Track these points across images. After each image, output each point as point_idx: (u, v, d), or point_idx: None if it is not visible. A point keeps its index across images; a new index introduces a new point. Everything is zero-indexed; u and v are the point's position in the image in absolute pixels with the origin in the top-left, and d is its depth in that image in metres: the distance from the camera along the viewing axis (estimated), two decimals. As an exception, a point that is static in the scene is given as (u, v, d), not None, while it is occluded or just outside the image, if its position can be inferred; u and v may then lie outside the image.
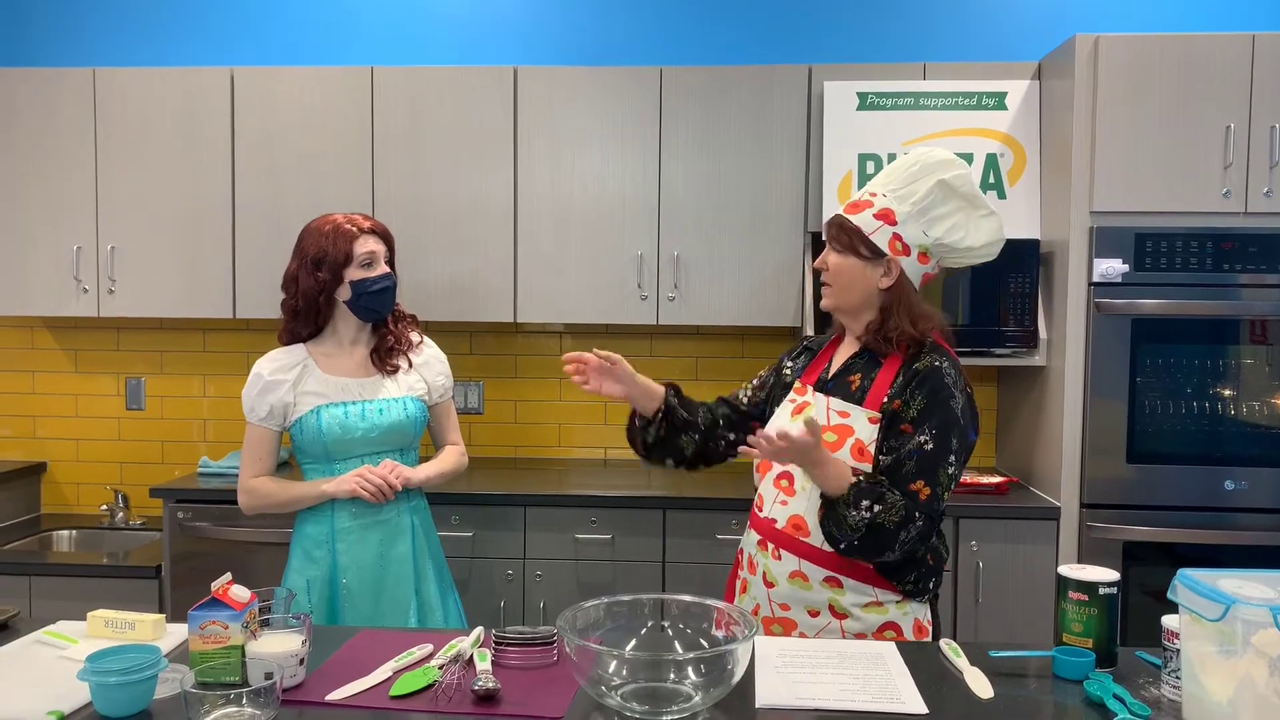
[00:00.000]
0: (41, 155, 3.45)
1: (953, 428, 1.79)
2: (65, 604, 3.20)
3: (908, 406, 1.80)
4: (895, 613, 1.83)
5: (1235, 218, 2.94)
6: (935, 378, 1.81)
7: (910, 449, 1.77)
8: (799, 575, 1.84)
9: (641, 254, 3.38)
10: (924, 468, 1.77)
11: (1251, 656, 1.26)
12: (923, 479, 1.77)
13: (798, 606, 1.85)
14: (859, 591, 1.82)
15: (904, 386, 1.82)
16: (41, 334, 3.87)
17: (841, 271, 1.87)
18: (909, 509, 1.74)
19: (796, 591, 1.84)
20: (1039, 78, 3.27)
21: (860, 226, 1.84)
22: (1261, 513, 2.94)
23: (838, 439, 1.82)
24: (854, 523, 1.73)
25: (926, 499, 1.76)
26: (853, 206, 1.88)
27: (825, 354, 2.01)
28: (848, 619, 1.83)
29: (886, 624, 1.83)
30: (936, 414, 1.79)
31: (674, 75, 3.35)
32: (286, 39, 3.76)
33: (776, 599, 1.86)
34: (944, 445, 1.78)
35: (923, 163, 1.86)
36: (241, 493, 2.27)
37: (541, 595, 3.13)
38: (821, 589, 1.83)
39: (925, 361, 1.83)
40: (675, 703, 1.39)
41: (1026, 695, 1.51)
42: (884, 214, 1.84)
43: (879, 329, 1.86)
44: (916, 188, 1.85)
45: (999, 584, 3.04)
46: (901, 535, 1.74)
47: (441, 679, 1.53)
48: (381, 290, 2.27)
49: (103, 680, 1.38)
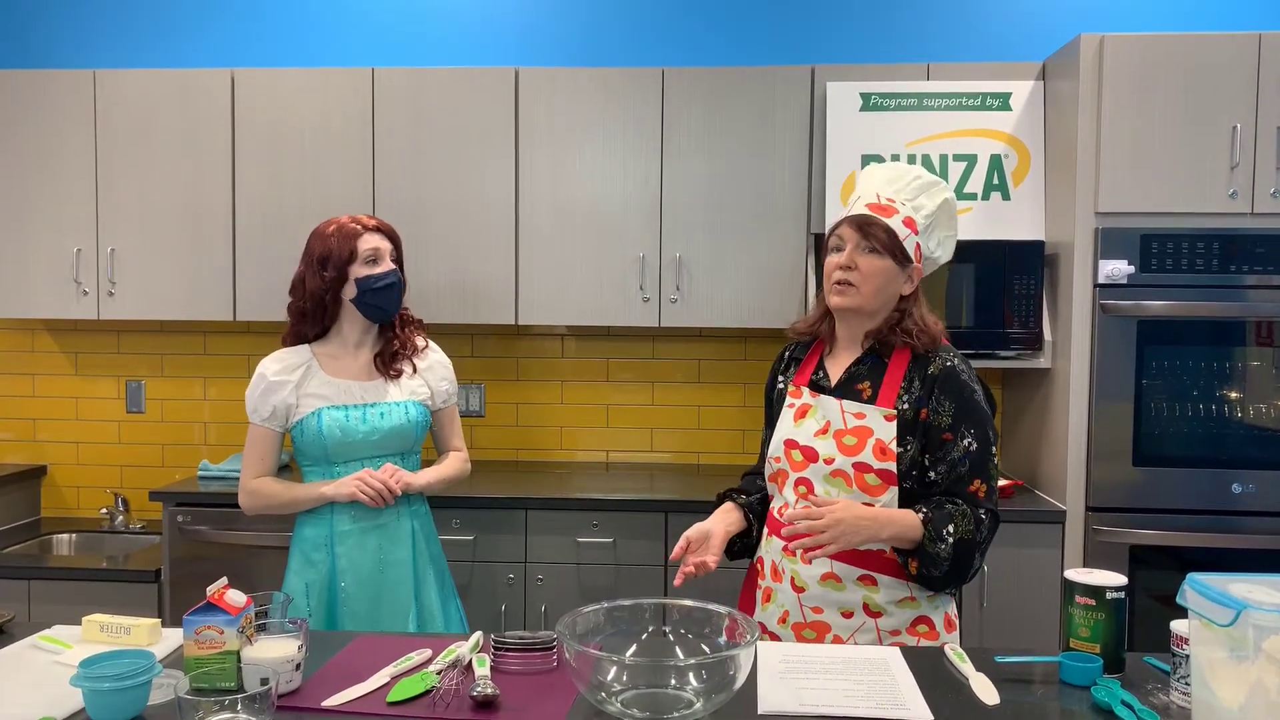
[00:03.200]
0: (42, 157, 3.44)
1: (986, 421, 1.84)
2: (64, 608, 3.18)
3: (938, 414, 1.81)
4: (927, 606, 1.85)
5: (1242, 219, 2.92)
6: (955, 379, 1.83)
7: (959, 455, 1.80)
8: (831, 577, 1.83)
9: (643, 256, 3.36)
10: (976, 467, 1.81)
11: (1263, 662, 1.24)
12: (977, 478, 1.81)
13: (831, 609, 1.84)
14: (893, 588, 1.82)
15: (926, 393, 1.82)
16: (42, 337, 3.86)
17: (876, 273, 1.84)
18: (976, 514, 1.78)
19: (829, 594, 1.83)
20: (1043, 78, 3.25)
21: (896, 231, 1.85)
22: (1270, 516, 2.91)
23: (857, 441, 1.82)
24: (944, 553, 1.75)
25: (986, 494, 1.82)
26: (881, 209, 1.86)
27: (812, 357, 1.98)
28: (882, 616, 1.82)
29: (919, 619, 1.84)
30: (969, 413, 1.82)
31: (676, 76, 3.33)
32: (287, 40, 3.75)
33: (808, 603, 1.85)
34: (985, 439, 1.82)
35: (922, 178, 1.92)
36: (242, 493, 2.26)
37: (543, 599, 3.11)
38: (856, 588, 1.82)
39: (939, 364, 1.84)
40: (676, 709, 1.37)
41: (1033, 701, 1.49)
42: (909, 222, 1.87)
43: (897, 324, 1.86)
44: (925, 202, 1.89)
45: (1004, 588, 3.01)
46: (979, 540, 1.78)
47: (440, 684, 1.51)
48: (387, 287, 2.25)
49: (96, 686, 1.37)
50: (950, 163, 3.23)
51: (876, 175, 1.94)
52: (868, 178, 1.96)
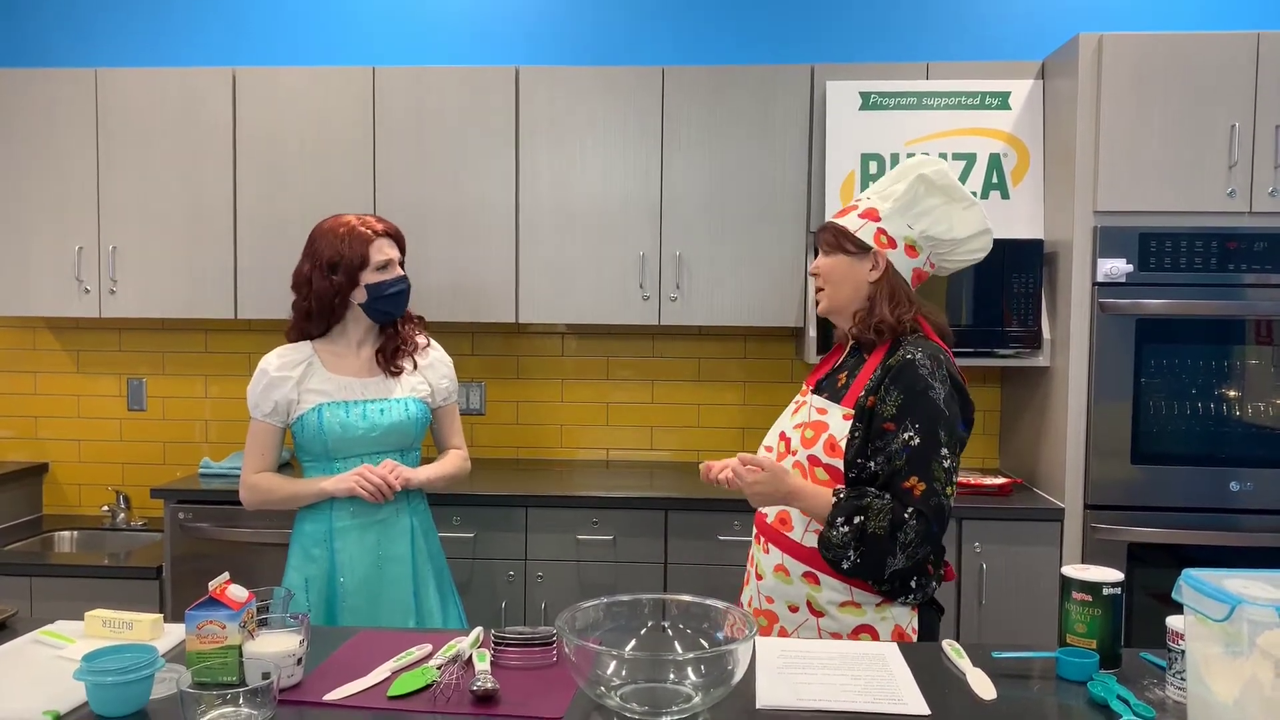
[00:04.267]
0: (43, 155, 3.45)
1: (938, 419, 1.76)
2: (66, 605, 3.19)
3: (884, 403, 1.78)
4: (873, 615, 1.80)
5: (1240, 217, 2.93)
6: (909, 371, 1.78)
7: (898, 447, 1.75)
8: (781, 569, 1.86)
9: (644, 254, 3.37)
10: (915, 463, 1.74)
11: (1258, 657, 1.24)
12: (915, 474, 1.74)
13: (780, 601, 1.86)
14: (835, 589, 1.80)
15: (878, 382, 1.81)
16: (43, 334, 3.86)
17: (830, 270, 1.93)
18: (896, 510, 1.72)
19: (779, 585, 1.86)
20: (1042, 77, 3.26)
21: (845, 226, 1.91)
22: (1268, 514, 2.92)
23: (814, 435, 1.85)
24: (840, 539, 1.73)
25: (922, 494, 1.73)
26: (839, 213, 1.96)
27: (829, 360, 2.03)
28: (824, 617, 1.82)
29: (861, 626, 1.80)
30: (917, 407, 1.76)
31: (676, 75, 3.34)
32: (288, 39, 3.75)
33: (764, 592, 1.89)
34: (932, 438, 1.75)
35: (904, 166, 1.95)
36: (243, 488, 2.27)
37: (543, 596, 3.12)
38: (800, 584, 1.83)
39: (899, 355, 1.81)
40: (675, 703, 1.38)
41: (1030, 697, 1.50)
42: (868, 213, 1.91)
43: (865, 320, 1.88)
44: (897, 187, 1.92)
45: (1003, 586, 3.02)
46: (900, 538, 1.71)
47: (440, 679, 1.52)
48: (397, 294, 2.28)
49: (99, 680, 1.37)
50: (949, 161, 3.24)
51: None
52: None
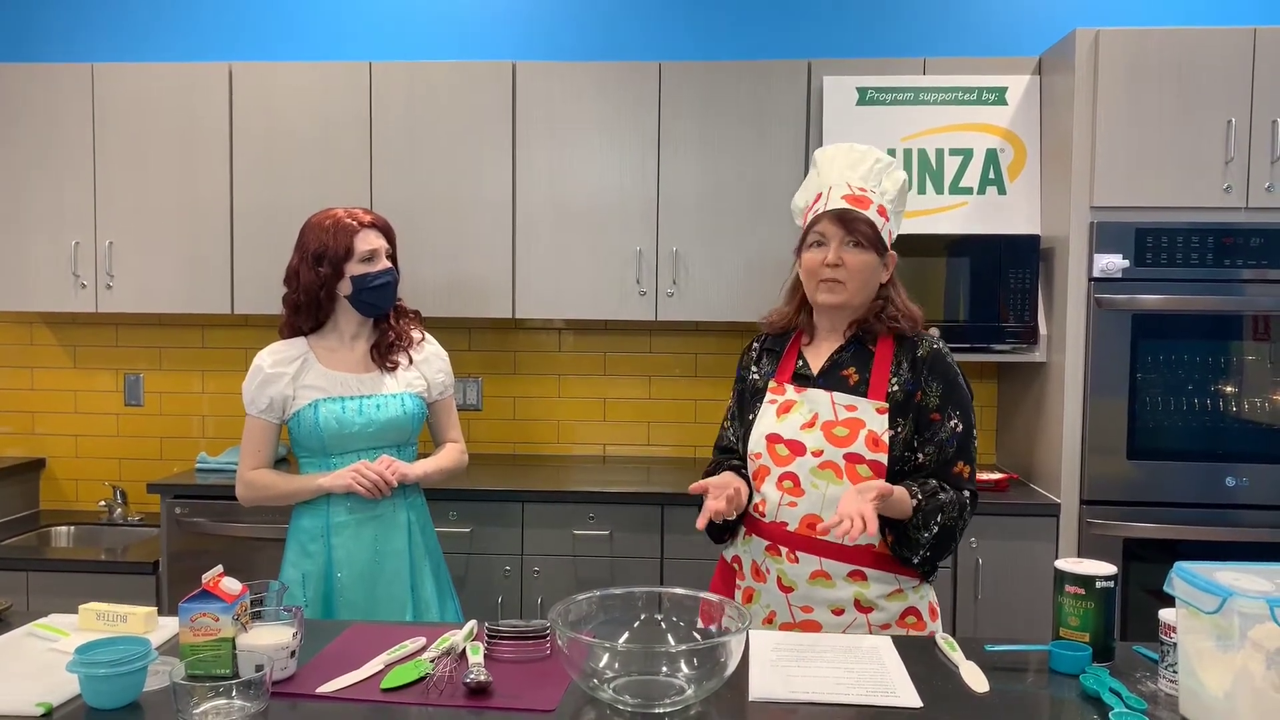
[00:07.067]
0: (40, 151, 3.44)
1: (968, 404, 1.87)
2: (63, 599, 3.17)
3: (928, 395, 1.84)
4: (914, 597, 1.86)
5: (1237, 213, 2.93)
6: (942, 361, 1.86)
7: (946, 436, 1.83)
8: (821, 575, 1.81)
9: (640, 250, 3.37)
10: (961, 448, 1.84)
11: (1248, 650, 1.25)
12: (961, 458, 1.84)
13: (821, 607, 1.82)
14: (883, 581, 1.83)
15: (916, 375, 1.83)
16: (40, 330, 3.86)
17: (862, 269, 1.83)
18: (961, 499, 1.81)
19: (819, 591, 1.82)
20: (1039, 72, 3.26)
21: (876, 223, 1.84)
22: (1263, 509, 2.92)
23: (849, 432, 1.81)
24: (925, 541, 1.78)
25: (969, 476, 1.84)
26: (857, 200, 1.85)
27: (791, 350, 1.96)
28: (873, 611, 1.82)
29: (908, 610, 1.85)
30: (955, 395, 1.85)
31: (673, 70, 3.34)
32: (285, 34, 3.75)
33: (797, 603, 1.83)
34: (969, 421, 1.85)
35: (881, 160, 1.89)
36: (239, 484, 2.27)
37: (539, 591, 3.12)
38: (846, 584, 1.81)
39: (926, 346, 1.87)
40: (668, 695, 1.38)
41: (1022, 689, 1.50)
42: (881, 210, 1.87)
43: (881, 311, 1.87)
44: (888, 187, 1.89)
45: (999, 581, 3.02)
46: (961, 526, 1.82)
47: (433, 672, 1.52)
48: (382, 285, 2.26)
49: (91, 672, 1.38)
50: (946, 157, 3.24)
51: (839, 160, 1.90)
52: (829, 162, 1.92)
